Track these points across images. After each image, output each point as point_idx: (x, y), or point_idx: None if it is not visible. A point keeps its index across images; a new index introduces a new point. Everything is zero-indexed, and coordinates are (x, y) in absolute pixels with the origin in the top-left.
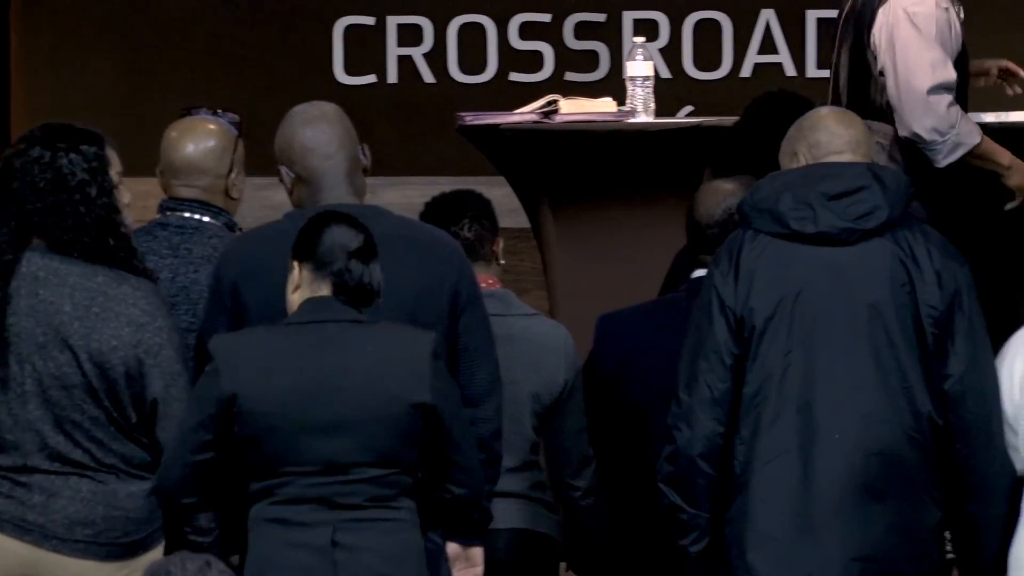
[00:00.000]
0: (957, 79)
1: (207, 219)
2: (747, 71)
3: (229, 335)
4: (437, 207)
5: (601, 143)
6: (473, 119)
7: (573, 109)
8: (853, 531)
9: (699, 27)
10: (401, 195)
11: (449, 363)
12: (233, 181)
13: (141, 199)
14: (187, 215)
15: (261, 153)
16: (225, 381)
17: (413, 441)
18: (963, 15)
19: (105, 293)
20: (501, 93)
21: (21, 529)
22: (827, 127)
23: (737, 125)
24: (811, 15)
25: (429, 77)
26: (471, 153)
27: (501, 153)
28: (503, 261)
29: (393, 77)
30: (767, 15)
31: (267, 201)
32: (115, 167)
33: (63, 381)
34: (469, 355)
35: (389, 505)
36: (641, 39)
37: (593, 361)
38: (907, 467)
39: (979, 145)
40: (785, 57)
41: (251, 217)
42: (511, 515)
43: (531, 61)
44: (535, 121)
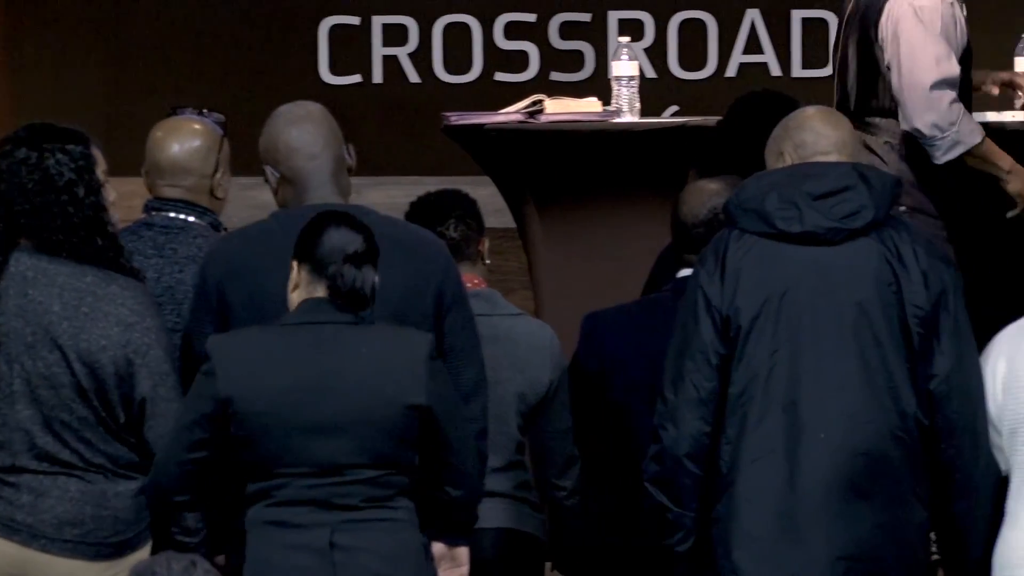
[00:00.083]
0: (961, 76)
1: (192, 219)
2: (732, 71)
3: (225, 335)
4: (422, 207)
5: (586, 143)
6: (458, 119)
7: (558, 109)
8: (839, 530)
9: (684, 27)
10: (386, 195)
11: None
12: (218, 181)
13: (126, 199)
14: (172, 215)
15: (246, 153)
16: (221, 381)
17: (409, 442)
18: (965, 12)
19: (94, 293)
20: (486, 93)
21: (9, 529)
22: (813, 127)
23: (720, 125)
24: (796, 15)
25: (414, 77)
26: (456, 153)
27: (486, 153)
28: (488, 261)
29: (378, 77)
30: (752, 15)
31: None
32: (101, 166)
33: (52, 381)
34: (455, 355)
35: (387, 505)
36: (626, 39)
37: (578, 361)
38: (893, 467)
39: (980, 145)
40: (770, 57)
41: (236, 217)
42: (496, 515)
43: (516, 61)
44: (520, 121)
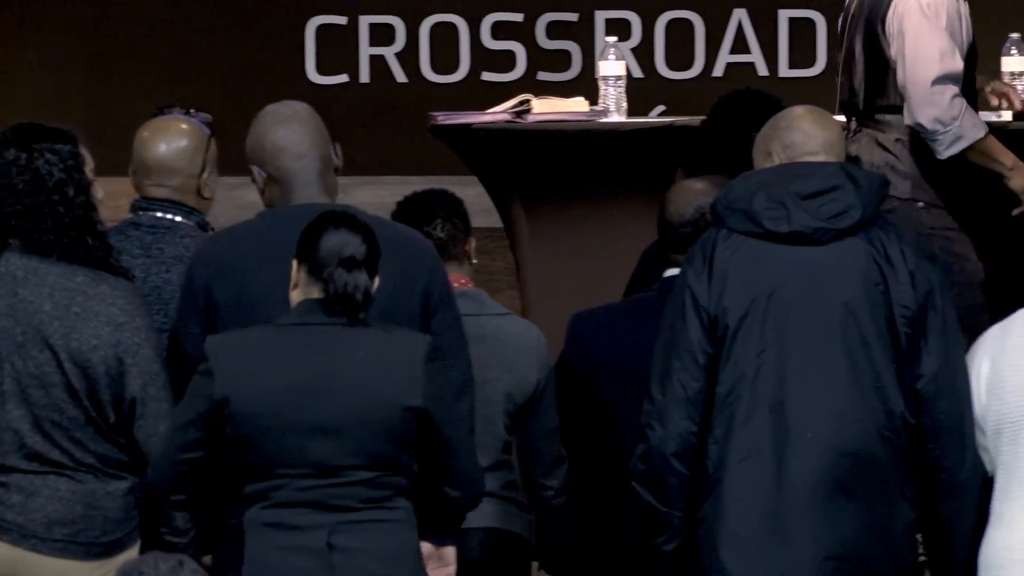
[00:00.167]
0: (965, 73)
1: (179, 219)
2: (719, 71)
3: (223, 335)
4: (409, 207)
5: (573, 143)
6: (445, 119)
7: (545, 109)
8: (826, 530)
9: (671, 27)
10: (373, 195)
11: None
12: (205, 181)
13: (113, 199)
14: (159, 215)
15: (233, 153)
16: (218, 381)
17: (407, 444)
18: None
19: (84, 293)
20: (473, 93)
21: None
22: (802, 128)
23: (704, 124)
24: (783, 14)
25: (401, 77)
26: (443, 153)
27: (473, 153)
28: (475, 260)
29: (365, 77)
30: (739, 15)
31: (239, 201)
32: (89, 164)
33: (42, 381)
34: (442, 355)
35: (384, 506)
36: (613, 39)
37: (565, 360)
38: (880, 466)
39: (982, 141)
40: (757, 56)
41: (223, 217)
42: (483, 514)
43: (503, 61)
44: (507, 121)
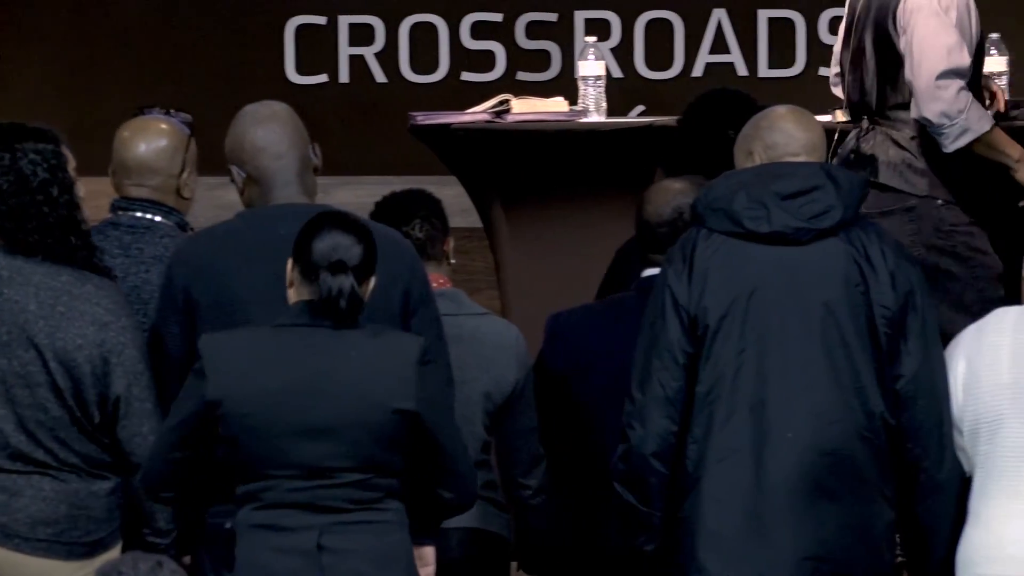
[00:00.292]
0: (972, 68)
1: (159, 219)
2: (699, 71)
3: (218, 335)
4: (387, 207)
5: (553, 143)
6: (425, 119)
7: (525, 109)
8: (805, 530)
9: (651, 27)
10: (352, 195)
11: None
12: (185, 181)
13: (92, 198)
14: (139, 214)
15: (213, 153)
16: (211, 381)
17: (398, 446)
18: None
19: (70, 292)
20: (453, 93)
21: None
22: (783, 129)
23: (679, 124)
24: (763, 15)
25: (381, 77)
26: (423, 153)
27: (453, 153)
28: (454, 260)
29: (345, 77)
30: (719, 15)
31: (219, 201)
32: (71, 163)
33: (27, 380)
34: None
35: (375, 508)
36: (593, 39)
37: (543, 361)
38: (859, 467)
39: (989, 133)
40: (737, 57)
41: (203, 217)
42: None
43: (483, 61)
44: (487, 121)
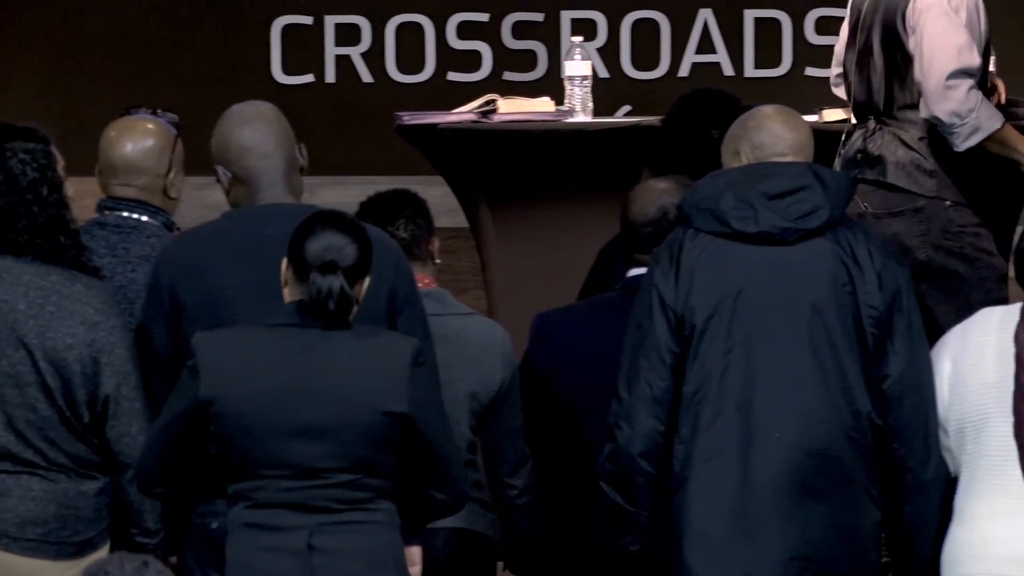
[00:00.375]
0: (981, 66)
1: (145, 218)
2: (685, 71)
3: (212, 333)
4: (373, 207)
5: (539, 143)
6: (411, 119)
7: (511, 109)
8: (791, 530)
9: (637, 26)
10: (339, 195)
11: None
12: (172, 180)
13: (79, 198)
14: (125, 214)
15: (199, 153)
16: (204, 380)
17: (390, 447)
18: None
19: (59, 292)
20: (439, 93)
21: None
22: (771, 129)
23: (663, 124)
24: (749, 15)
25: (367, 77)
26: (409, 153)
27: (439, 153)
28: (439, 260)
29: (331, 76)
30: (705, 14)
31: (205, 200)
32: (60, 162)
33: (17, 380)
34: None
35: (366, 508)
36: (579, 38)
37: (529, 360)
38: (846, 467)
39: (999, 131)
40: (723, 56)
41: (189, 216)
42: None
43: (469, 61)
44: (473, 121)
